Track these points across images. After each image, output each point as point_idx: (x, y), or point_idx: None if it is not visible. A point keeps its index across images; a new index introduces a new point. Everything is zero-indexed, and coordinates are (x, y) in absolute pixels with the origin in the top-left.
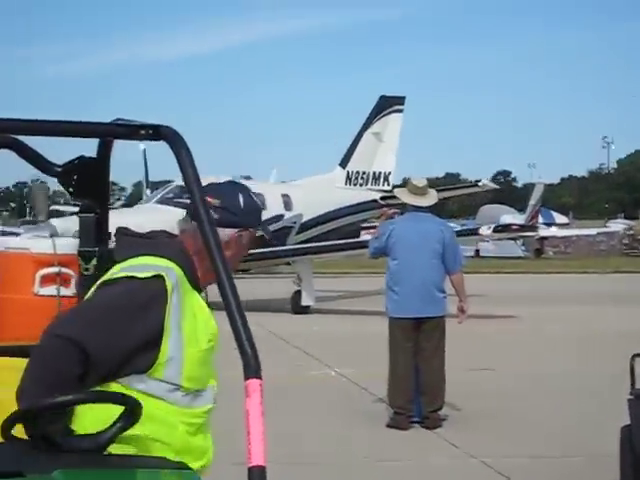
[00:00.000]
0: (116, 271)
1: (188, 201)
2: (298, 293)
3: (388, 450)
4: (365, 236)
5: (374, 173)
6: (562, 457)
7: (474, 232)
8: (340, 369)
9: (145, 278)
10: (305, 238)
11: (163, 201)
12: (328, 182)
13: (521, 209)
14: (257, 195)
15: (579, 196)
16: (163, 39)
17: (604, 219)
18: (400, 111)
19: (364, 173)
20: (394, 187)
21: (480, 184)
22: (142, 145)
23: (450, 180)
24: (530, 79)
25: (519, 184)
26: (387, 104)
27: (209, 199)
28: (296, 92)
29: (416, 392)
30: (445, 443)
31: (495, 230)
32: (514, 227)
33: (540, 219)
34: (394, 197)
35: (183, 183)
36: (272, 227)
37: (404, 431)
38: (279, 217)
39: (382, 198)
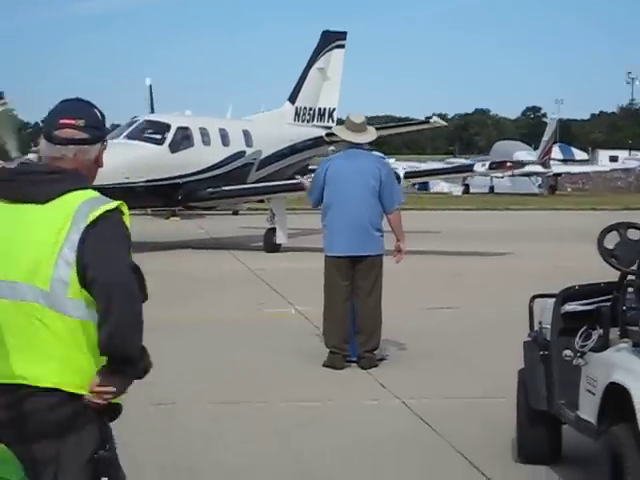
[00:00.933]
0: (87, 202)
1: (156, 136)
2: (271, 231)
3: (312, 390)
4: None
5: (319, 109)
6: (481, 398)
7: (469, 169)
8: (301, 307)
9: (117, 209)
10: (263, 175)
11: (132, 136)
12: (279, 118)
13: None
14: (221, 131)
15: (609, 132)
16: None
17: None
18: (342, 46)
19: (311, 109)
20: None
21: (432, 121)
22: (148, 80)
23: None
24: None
25: (548, 120)
26: (329, 40)
27: (73, 121)
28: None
29: (352, 331)
30: (375, 383)
31: (490, 167)
32: (508, 164)
33: (559, 155)
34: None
35: (149, 118)
36: (235, 163)
37: (338, 370)
38: (241, 153)
39: (327, 135)
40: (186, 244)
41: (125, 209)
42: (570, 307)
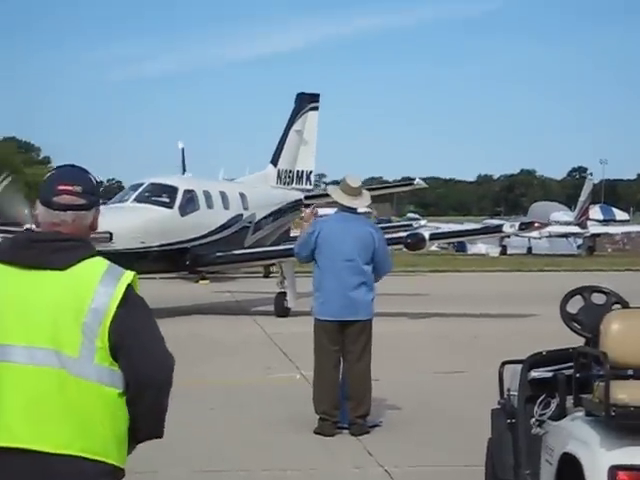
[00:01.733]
0: (107, 272)
1: (164, 199)
2: (282, 295)
3: (297, 458)
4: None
5: (298, 172)
6: (465, 466)
7: (497, 230)
8: (307, 372)
9: (134, 281)
10: (258, 238)
11: (140, 199)
12: (264, 180)
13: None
14: (221, 193)
15: None
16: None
17: None
18: (316, 109)
19: (290, 171)
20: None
21: (415, 182)
22: (181, 144)
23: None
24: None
25: (595, 180)
26: (304, 101)
27: (71, 187)
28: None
29: (342, 397)
30: (362, 451)
31: (519, 228)
32: (536, 224)
33: (599, 215)
34: (318, 197)
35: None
36: (234, 227)
37: (328, 437)
38: (239, 216)
39: (306, 197)
40: (211, 308)
41: (137, 279)
42: (536, 374)
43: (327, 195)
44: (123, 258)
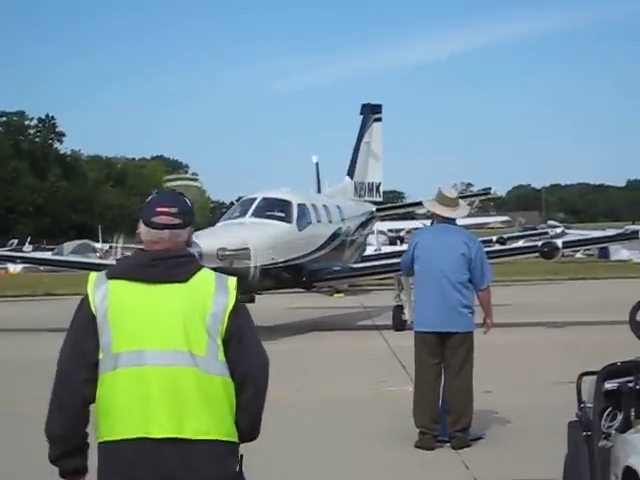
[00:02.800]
0: (218, 281)
1: (281, 214)
2: (399, 308)
3: (392, 472)
4: None
5: (369, 184)
6: None
7: (633, 235)
8: None
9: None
10: (352, 252)
11: (258, 215)
12: (344, 193)
13: None
14: (324, 207)
15: None
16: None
17: None
18: (379, 120)
19: (363, 184)
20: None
21: (492, 192)
22: (315, 158)
23: None
24: None
25: None
26: (369, 112)
27: (168, 209)
28: None
29: (442, 411)
30: (459, 464)
31: None
32: None
33: None
34: (388, 209)
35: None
36: (337, 241)
37: (427, 451)
38: (339, 230)
39: (377, 210)
40: (340, 321)
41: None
42: (610, 385)
43: (395, 207)
44: (256, 274)
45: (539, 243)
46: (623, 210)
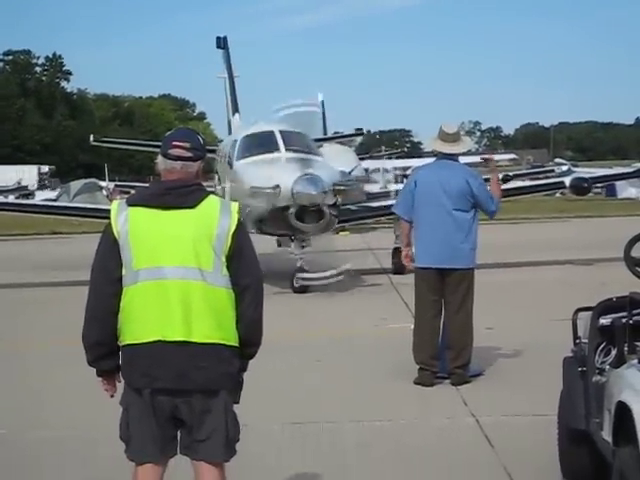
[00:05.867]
0: (223, 206)
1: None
2: (398, 250)
3: (388, 408)
4: None
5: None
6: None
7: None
8: None
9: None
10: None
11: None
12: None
13: None
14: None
15: None
16: None
17: None
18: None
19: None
20: None
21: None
22: (320, 96)
23: None
24: None
25: None
26: (226, 45)
27: (182, 143)
28: None
29: (442, 347)
30: (458, 400)
31: None
32: None
33: None
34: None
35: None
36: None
37: (427, 387)
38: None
39: None
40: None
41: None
42: (605, 320)
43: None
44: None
45: (567, 179)
46: (631, 148)
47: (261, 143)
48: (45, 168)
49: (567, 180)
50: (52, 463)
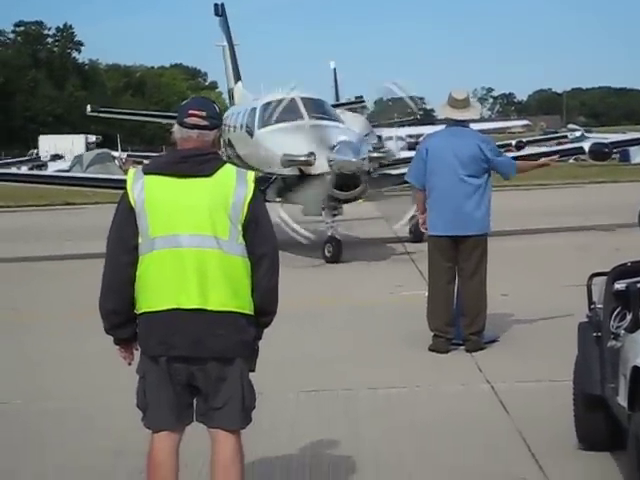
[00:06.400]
0: (239, 174)
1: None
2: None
3: (404, 375)
4: None
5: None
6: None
7: None
8: None
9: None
10: None
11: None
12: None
13: None
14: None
15: None
16: None
17: None
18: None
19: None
20: None
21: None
22: (333, 64)
23: None
24: None
25: None
26: (224, 12)
27: (198, 112)
28: None
29: (457, 314)
30: (473, 367)
31: None
32: None
33: None
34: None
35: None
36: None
37: (442, 354)
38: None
39: None
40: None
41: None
42: (620, 285)
43: None
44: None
45: (586, 145)
46: None
47: (284, 110)
48: (92, 138)
49: (586, 145)
50: (65, 432)
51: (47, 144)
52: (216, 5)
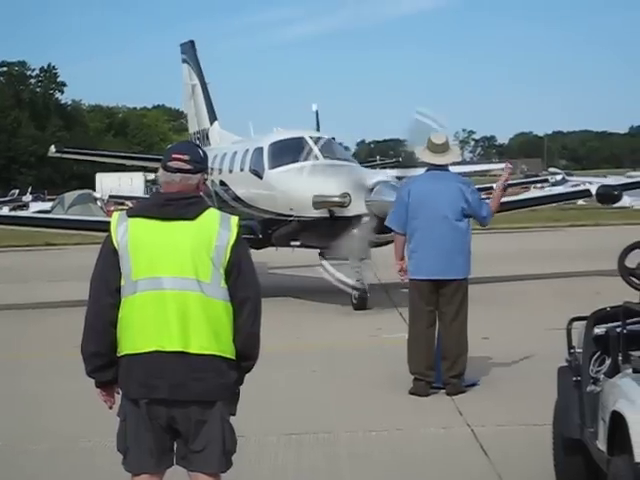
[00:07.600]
0: (223, 219)
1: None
2: None
3: (384, 418)
4: None
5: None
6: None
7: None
8: None
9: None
10: None
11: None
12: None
13: None
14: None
15: None
16: None
17: None
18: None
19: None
20: None
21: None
22: (315, 106)
23: None
24: None
25: None
26: (193, 50)
27: (181, 156)
28: None
29: (438, 357)
30: (453, 410)
31: None
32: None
33: None
34: None
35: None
36: None
37: (422, 398)
38: None
39: None
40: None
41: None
42: (600, 330)
43: None
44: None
45: (593, 187)
46: (625, 157)
47: (295, 150)
48: (151, 175)
49: (593, 188)
50: (49, 475)
51: (107, 181)
52: (183, 44)
